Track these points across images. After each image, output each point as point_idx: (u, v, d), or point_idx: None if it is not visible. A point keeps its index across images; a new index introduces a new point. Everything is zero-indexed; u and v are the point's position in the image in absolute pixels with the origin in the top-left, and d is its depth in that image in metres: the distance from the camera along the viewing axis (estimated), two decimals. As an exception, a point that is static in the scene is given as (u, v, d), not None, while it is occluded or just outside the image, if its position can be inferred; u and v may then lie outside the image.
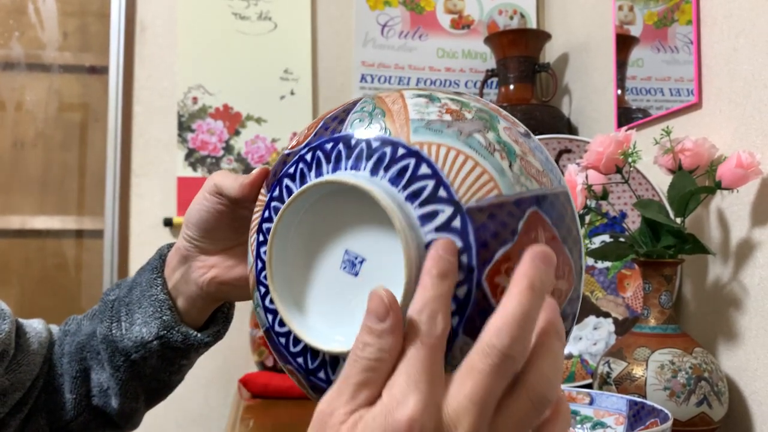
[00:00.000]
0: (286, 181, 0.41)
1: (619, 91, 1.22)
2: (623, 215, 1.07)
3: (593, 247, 0.95)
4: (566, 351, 1.09)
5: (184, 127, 1.52)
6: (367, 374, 0.33)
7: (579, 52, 1.43)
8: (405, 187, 0.37)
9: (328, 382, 0.40)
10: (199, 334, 0.58)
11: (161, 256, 0.59)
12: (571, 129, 1.44)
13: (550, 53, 1.57)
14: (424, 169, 0.37)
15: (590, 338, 1.08)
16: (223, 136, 1.53)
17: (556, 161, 1.16)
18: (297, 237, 0.40)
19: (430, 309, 0.33)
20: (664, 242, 0.84)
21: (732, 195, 0.89)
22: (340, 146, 0.39)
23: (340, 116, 0.41)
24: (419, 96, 0.40)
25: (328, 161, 0.39)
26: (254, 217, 0.44)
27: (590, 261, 1.12)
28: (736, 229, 0.89)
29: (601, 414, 0.71)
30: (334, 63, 1.60)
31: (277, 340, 0.42)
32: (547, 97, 1.49)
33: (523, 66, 1.44)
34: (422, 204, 0.36)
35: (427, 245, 0.36)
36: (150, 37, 1.55)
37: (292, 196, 0.39)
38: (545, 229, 0.38)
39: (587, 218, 0.91)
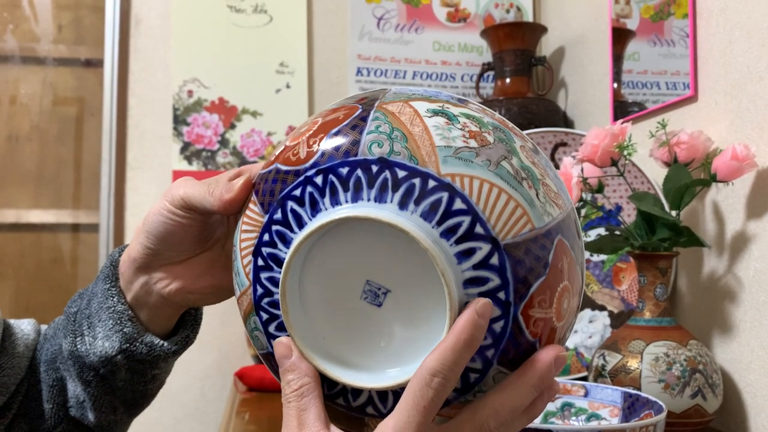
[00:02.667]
0: (292, 205, 0.38)
1: (615, 85, 1.22)
2: (618, 208, 1.07)
3: (588, 240, 0.95)
4: (562, 344, 1.10)
5: (179, 120, 1.52)
6: (303, 400, 0.37)
7: (575, 46, 1.43)
8: (439, 223, 0.35)
9: (348, 408, 0.40)
10: (165, 344, 0.53)
11: (113, 263, 0.54)
12: (567, 122, 1.44)
13: (546, 47, 1.57)
14: (458, 204, 0.35)
15: (585, 331, 1.08)
16: (219, 129, 1.53)
17: (552, 154, 1.16)
18: (311, 268, 0.38)
19: (443, 376, 0.35)
20: (660, 235, 0.84)
21: (727, 188, 0.89)
22: (359, 173, 0.36)
23: (351, 136, 0.38)
24: (435, 114, 0.38)
25: (346, 189, 0.37)
26: (244, 236, 0.41)
27: (585, 254, 1.12)
28: (731, 222, 0.89)
29: (595, 406, 0.71)
30: (330, 56, 1.59)
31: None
32: (543, 90, 1.49)
33: (519, 59, 1.44)
34: (459, 241, 0.35)
35: (465, 282, 0.35)
36: (145, 29, 1.55)
37: (310, 229, 0.36)
38: (567, 254, 0.38)
39: (583, 211, 0.91)
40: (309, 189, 0.38)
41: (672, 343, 0.80)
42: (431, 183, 0.36)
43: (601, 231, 1.02)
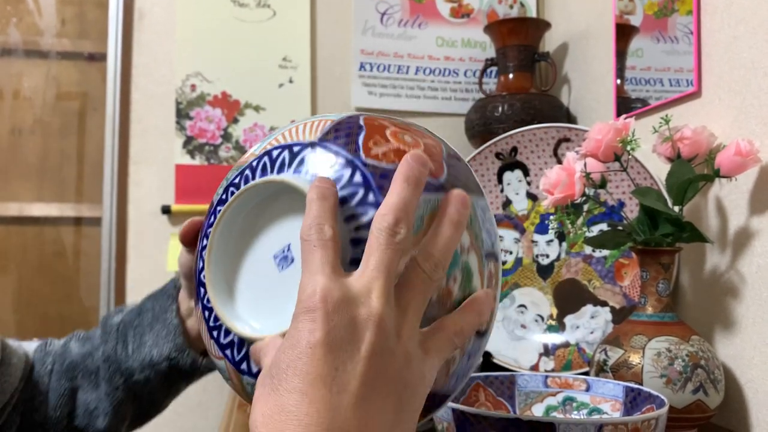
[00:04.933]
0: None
1: (619, 81, 1.22)
2: (621, 204, 1.07)
3: (591, 235, 0.95)
4: (563, 339, 1.10)
5: (182, 114, 1.52)
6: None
7: (579, 42, 1.43)
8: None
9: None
10: (205, 360, 0.61)
11: (176, 285, 0.62)
12: (570, 118, 1.43)
13: (549, 42, 1.56)
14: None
15: (587, 327, 1.08)
16: (222, 123, 1.53)
17: (555, 150, 1.16)
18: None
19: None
20: (662, 230, 0.84)
21: (730, 183, 0.89)
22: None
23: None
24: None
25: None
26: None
27: (588, 250, 1.12)
28: (734, 218, 0.89)
29: (597, 400, 0.71)
30: (333, 51, 1.59)
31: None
32: (546, 86, 1.49)
33: (522, 55, 1.44)
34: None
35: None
36: (148, 24, 1.55)
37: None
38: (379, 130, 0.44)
39: (585, 207, 0.91)
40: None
41: (674, 339, 0.80)
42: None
43: (604, 226, 1.01)
